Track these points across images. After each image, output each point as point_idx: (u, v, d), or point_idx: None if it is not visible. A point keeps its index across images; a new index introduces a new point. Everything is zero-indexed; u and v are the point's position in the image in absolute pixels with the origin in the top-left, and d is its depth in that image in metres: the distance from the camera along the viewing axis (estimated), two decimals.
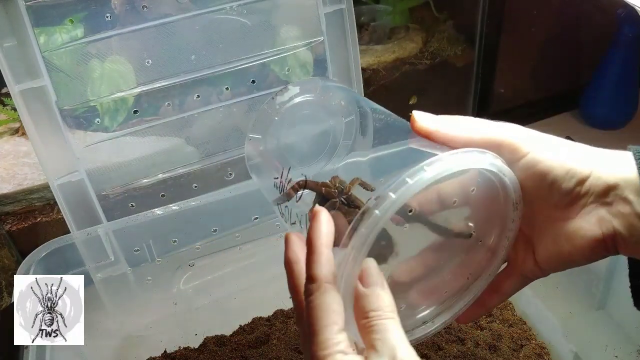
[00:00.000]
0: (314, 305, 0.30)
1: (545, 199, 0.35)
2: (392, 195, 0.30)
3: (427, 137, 0.37)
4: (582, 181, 0.34)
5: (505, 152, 0.35)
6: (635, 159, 0.33)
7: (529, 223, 0.37)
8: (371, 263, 0.32)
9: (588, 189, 0.34)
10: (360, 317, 0.31)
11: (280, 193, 0.42)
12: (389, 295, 0.31)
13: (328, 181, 0.40)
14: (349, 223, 0.31)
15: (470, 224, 0.38)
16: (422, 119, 0.37)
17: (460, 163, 0.32)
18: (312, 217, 0.32)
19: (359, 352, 0.30)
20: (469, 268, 0.39)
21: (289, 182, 0.41)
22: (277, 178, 0.43)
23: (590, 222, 0.34)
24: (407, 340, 0.30)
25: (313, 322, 0.30)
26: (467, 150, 0.33)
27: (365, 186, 0.39)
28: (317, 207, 0.33)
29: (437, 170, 0.30)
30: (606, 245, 0.34)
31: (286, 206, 0.42)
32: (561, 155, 0.34)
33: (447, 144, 0.36)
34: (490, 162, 0.33)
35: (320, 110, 0.47)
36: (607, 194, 0.33)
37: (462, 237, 0.38)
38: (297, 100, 0.46)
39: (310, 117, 0.47)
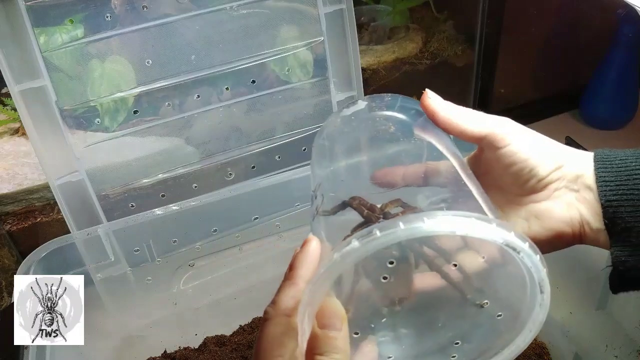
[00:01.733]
0: (265, 332, 0.30)
1: (523, 184, 0.38)
2: (356, 244, 0.28)
3: (431, 115, 0.40)
4: (558, 167, 0.37)
5: (491, 142, 0.38)
6: (594, 156, 0.37)
7: (502, 206, 0.40)
8: (331, 303, 0.31)
9: (561, 175, 0.37)
10: (308, 357, 0.30)
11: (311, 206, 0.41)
12: (342, 340, 0.30)
13: (382, 204, 0.37)
14: None
15: (485, 293, 0.36)
16: (433, 97, 0.40)
17: (441, 227, 0.28)
18: (303, 243, 0.33)
19: None
20: (479, 343, 0.36)
21: (316, 198, 0.40)
22: (313, 191, 0.41)
23: (560, 205, 0.37)
24: None
25: (259, 350, 0.30)
26: (460, 214, 0.29)
27: (405, 208, 0.37)
28: (310, 235, 0.32)
29: (411, 231, 0.28)
30: (573, 230, 0.37)
31: (312, 220, 0.39)
32: (540, 145, 0.38)
33: (445, 127, 0.40)
34: (495, 234, 0.29)
35: (393, 129, 0.43)
36: (575, 181, 0.37)
37: (469, 304, 0.36)
38: (371, 114, 0.43)
39: (382, 134, 0.43)
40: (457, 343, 0.36)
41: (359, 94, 0.68)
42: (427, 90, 0.41)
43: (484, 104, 0.99)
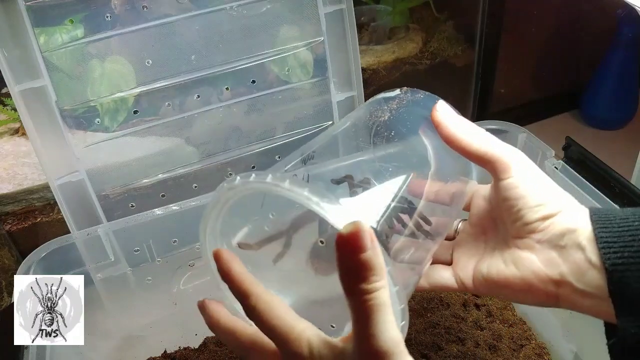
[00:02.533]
0: (262, 310, 0.33)
1: (511, 223, 0.37)
2: (238, 181, 0.33)
3: (437, 127, 0.39)
4: (546, 217, 0.35)
5: (493, 169, 0.37)
6: (590, 215, 0.34)
7: (494, 243, 0.39)
8: (356, 225, 0.28)
9: (548, 226, 0.35)
10: (346, 287, 0.29)
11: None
12: (377, 259, 0.29)
13: None
14: None
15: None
16: (441, 110, 0.39)
17: (280, 190, 0.31)
18: (217, 256, 0.36)
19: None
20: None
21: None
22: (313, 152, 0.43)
23: (539, 259, 0.36)
24: (393, 317, 0.29)
25: (267, 322, 0.32)
26: (306, 186, 0.30)
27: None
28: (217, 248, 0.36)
29: (267, 186, 0.31)
30: (546, 290, 0.35)
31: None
32: (540, 187, 0.36)
33: (447, 142, 0.39)
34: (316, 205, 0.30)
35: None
36: (562, 237, 0.35)
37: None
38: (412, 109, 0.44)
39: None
40: (332, 327, 0.38)
41: (359, 94, 0.68)
42: (440, 102, 0.40)
43: (484, 104, 0.99)
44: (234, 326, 0.35)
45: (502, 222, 0.39)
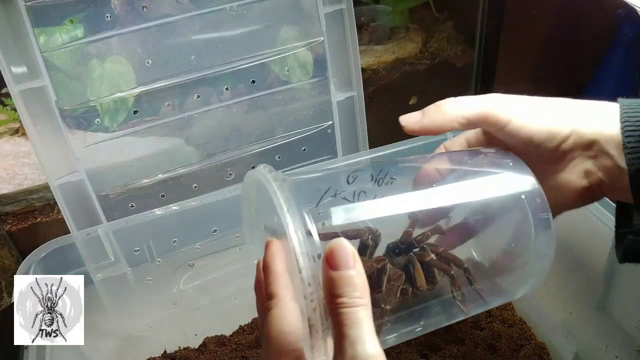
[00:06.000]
0: (272, 316, 0.31)
1: (535, 157, 0.38)
2: (261, 168, 0.35)
3: (420, 133, 0.39)
4: (564, 140, 0.36)
5: (489, 124, 0.37)
6: (621, 114, 0.35)
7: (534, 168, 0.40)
8: (338, 242, 0.30)
9: (572, 145, 0.36)
10: (328, 302, 0.30)
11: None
12: (360, 277, 0.30)
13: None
14: None
15: None
16: (408, 121, 0.39)
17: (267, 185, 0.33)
18: (266, 246, 0.34)
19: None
20: None
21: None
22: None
23: (577, 174, 0.36)
24: (373, 332, 0.29)
25: (269, 330, 0.31)
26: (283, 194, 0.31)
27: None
28: (269, 238, 0.35)
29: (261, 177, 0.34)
30: (593, 192, 0.37)
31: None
32: (542, 117, 0.37)
33: (440, 131, 0.38)
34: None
35: None
36: (590, 147, 0.35)
37: None
38: None
39: None
40: None
41: (358, 94, 0.68)
42: (400, 119, 0.39)
43: None
44: (275, 277, 0.33)
45: (525, 156, 0.38)
